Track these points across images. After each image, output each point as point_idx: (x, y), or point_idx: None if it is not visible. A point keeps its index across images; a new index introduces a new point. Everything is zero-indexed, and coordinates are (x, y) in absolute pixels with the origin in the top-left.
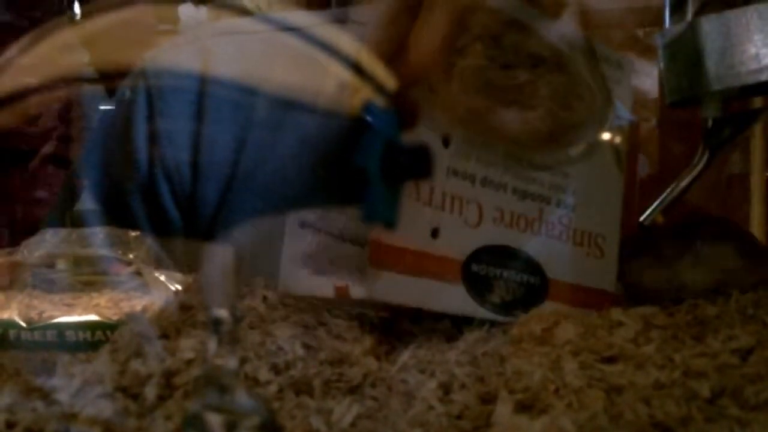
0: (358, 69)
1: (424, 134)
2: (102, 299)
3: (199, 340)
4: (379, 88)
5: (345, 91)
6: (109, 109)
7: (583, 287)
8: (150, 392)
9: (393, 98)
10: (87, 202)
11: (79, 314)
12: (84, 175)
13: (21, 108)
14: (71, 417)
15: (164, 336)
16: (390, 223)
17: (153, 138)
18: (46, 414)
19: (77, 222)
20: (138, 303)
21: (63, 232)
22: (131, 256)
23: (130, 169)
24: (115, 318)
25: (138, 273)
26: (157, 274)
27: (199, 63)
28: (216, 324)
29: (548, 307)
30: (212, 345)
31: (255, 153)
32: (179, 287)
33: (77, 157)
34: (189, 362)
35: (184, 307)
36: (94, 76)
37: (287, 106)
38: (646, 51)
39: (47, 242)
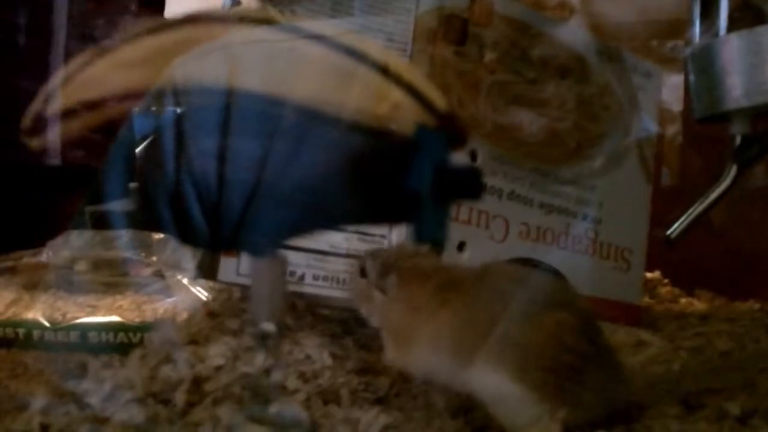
0: (409, 88)
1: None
2: (125, 301)
3: (228, 347)
4: (430, 108)
5: (397, 110)
6: (137, 116)
7: (609, 301)
8: (180, 398)
9: (443, 118)
10: (113, 205)
11: (102, 316)
12: (111, 177)
13: (85, 121)
14: (103, 421)
15: (193, 342)
16: (439, 243)
17: (180, 145)
18: (78, 417)
19: (102, 223)
20: (160, 306)
21: (87, 234)
22: (154, 258)
23: (159, 176)
24: (137, 320)
25: (161, 276)
26: (179, 277)
27: (226, 71)
28: (263, 337)
29: None
30: (260, 358)
31: (280, 164)
32: (202, 290)
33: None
34: (218, 368)
35: (213, 314)
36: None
37: (317, 119)
38: (661, 62)
39: (71, 244)
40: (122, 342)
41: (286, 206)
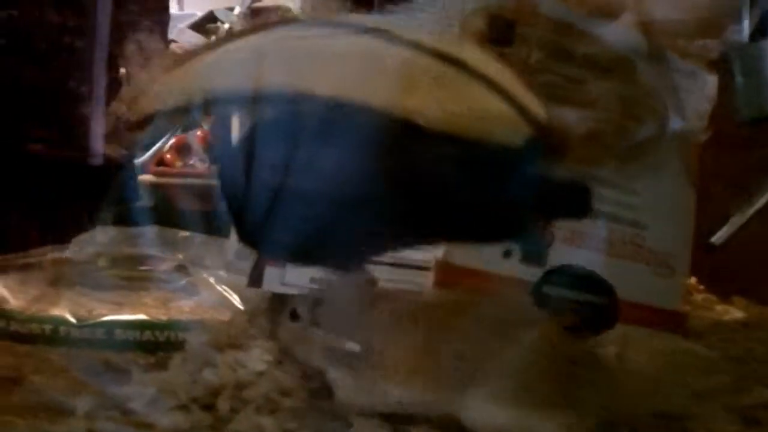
0: (507, 96)
1: None
2: (150, 298)
3: (269, 351)
4: (530, 117)
5: (494, 119)
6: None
7: (652, 307)
8: (223, 405)
9: (543, 129)
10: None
11: (128, 313)
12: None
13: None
14: (147, 427)
15: (233, 346)
16: (542, 262)
17: (213, 143)
18: (123, 423)
19: (127, 219)
20: (186, 303)
21: (112, 230)
22: (180, 256)
23: (241, 185)
24: (163, 318)
25: (186, 273)
26: (205, 275)
27: (254, 68)
28: (348, 359)
29: (617, 328)
30: (347, 381)
31: (371, 175)
32: (228, 289)
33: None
34: (260, 374)
35: (252, 317)
36: (238, 101)
37: (408, 129)
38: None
39: (97, 240)
40: (148, 340)
41: (376, 219)
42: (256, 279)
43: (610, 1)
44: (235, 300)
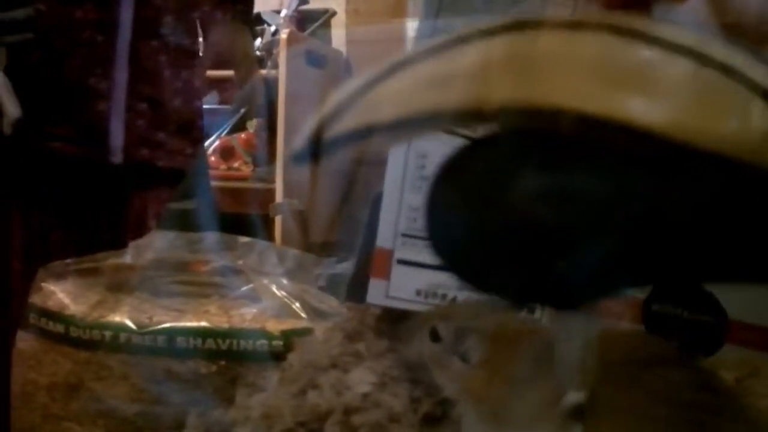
0: None
1: None
2: (212, 306)
3: (373, 372)
4: None
5: None
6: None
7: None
8: (332, 430)
9: None
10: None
11: (189, 320)
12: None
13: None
14: None
15: (333, 366)
16: None
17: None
18: None
19: (189, 223)
20: (248, 311)
21: (171, 235)
22: (240, 262)
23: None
24: (225, 326)
25: (247, 280)
26: (266, 282)
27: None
28: (575, 412)
29: (729, 351)
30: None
31: (619, 202)
32: (289, 297)
33: None
34: (365, 396)
35: (350, 336)
36: (461, 117)
37: (674, 149)
38: None
39: (155, 245)
40: (210, 348)
41: (622, 252)
42: (355, 293)
43: None
44: (297, 308)
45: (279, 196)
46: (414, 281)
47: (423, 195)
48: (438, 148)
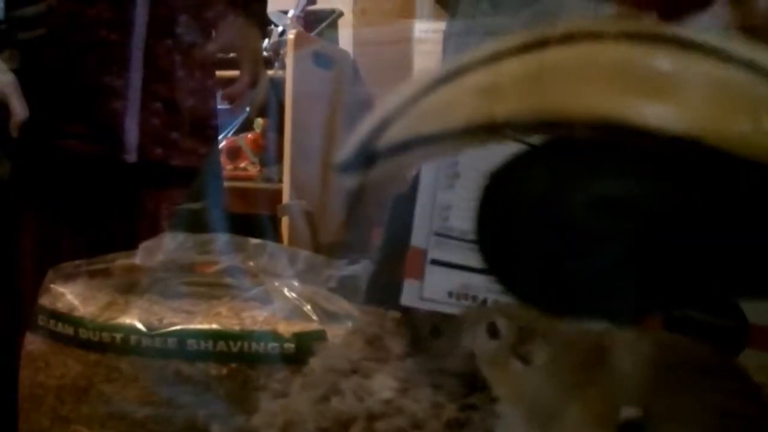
0: None
1: None
2: (222, 308)
3: (395, 378)
4: None
5: None
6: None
7: None
8: None
9: None
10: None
11: (200, 323)
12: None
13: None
14: None
15: (354, 371)
16: None
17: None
18: None
19: (200, 223)
20: (259, 313)
21: (181, 236)
22: (251, 264)
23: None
24: (236, 328)
25: (258, 281)
26: (276, 284)
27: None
28: (628, 428)
29: (750, 355)
30: None
31: (666, 212)
32: (300, 299)
33: None
34: (388, 402)
35: (370, 341)
36: (517, 128)
37: (707, 154)
38: None
39: (165, 246)
40: (221, 351)
41: (666, 266)
42: (375, 295)
43: None
44: (308, 310)
45: (286, 197)
46: (446, 282)
47: (454, 193)
48: None
